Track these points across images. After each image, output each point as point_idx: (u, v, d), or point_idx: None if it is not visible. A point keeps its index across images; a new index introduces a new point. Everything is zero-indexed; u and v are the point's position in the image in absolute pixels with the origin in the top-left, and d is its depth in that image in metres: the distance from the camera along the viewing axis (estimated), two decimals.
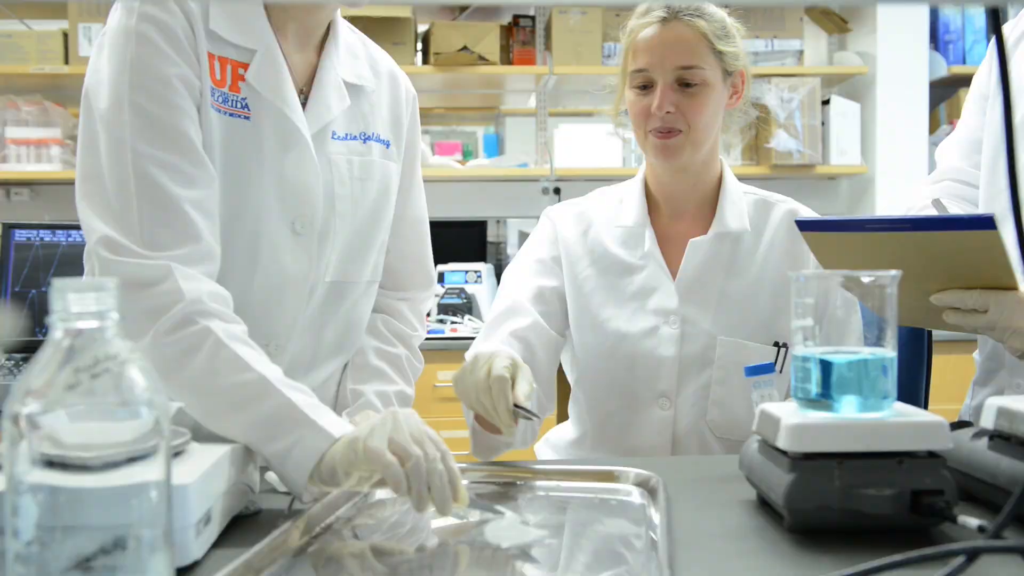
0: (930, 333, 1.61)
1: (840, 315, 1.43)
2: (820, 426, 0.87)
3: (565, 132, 3.59)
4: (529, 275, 1.50)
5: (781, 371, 1.40)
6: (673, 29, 1.39)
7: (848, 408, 0.88)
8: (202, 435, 0.98)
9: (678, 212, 1.49)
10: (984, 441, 0.94)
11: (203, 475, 0.81)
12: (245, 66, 1.13)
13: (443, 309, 3.25)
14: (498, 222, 3.87)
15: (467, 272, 3.36)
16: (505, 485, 1.08)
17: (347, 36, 1.30)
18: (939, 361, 2.18)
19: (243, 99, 1.13)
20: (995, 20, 0.66)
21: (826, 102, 3.52)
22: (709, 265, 1.45)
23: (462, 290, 3.29)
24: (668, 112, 1.38)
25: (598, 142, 3.55)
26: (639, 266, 1.47)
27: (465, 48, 3.42)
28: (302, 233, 1.19)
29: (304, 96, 1.21)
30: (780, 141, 3.42)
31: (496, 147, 4.34)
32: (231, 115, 1.12)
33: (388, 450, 0.89)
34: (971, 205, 1.54)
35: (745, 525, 0.91)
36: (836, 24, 3.66)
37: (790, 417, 0.88)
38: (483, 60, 3.43)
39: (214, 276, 1.08)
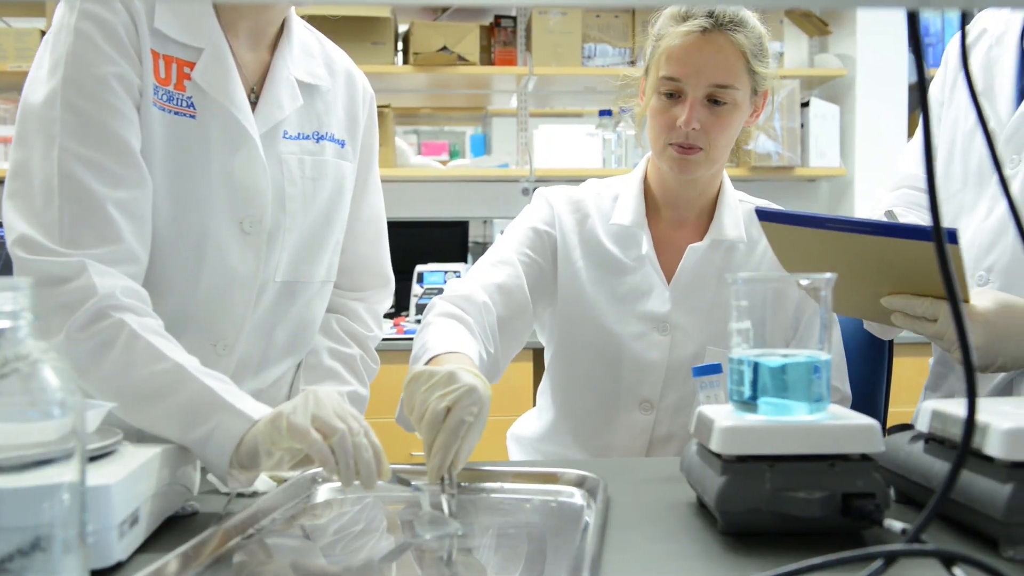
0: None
1: (817, 323, 1.43)
2: (752, 429, 0.86)
3: (545, 133, 3.59)
4: (522, 242, 1.46)
5: None
6: (714, 41, 1.34)
7: (780, 411, 0.87)
8: (147, 437, 0.97)
9: (680, 218, 1.48)
10: (920, 444, 0.94)
11: (128, 476, 0.80)
12: (191, 65, 1.13)
13: (422, 309, 3.24)
14: (484, 222, 3.87)
15: (447, 272, 3.35)
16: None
17: (303, 35, 1.29)
18: (905, 363, 2.18)
19: (189, 98, 1.13)
20: (912, 25, 0.66)
21: (805, 104, 3.52)
22: (703, 272, 1.44)
23: (441, 290, 3.29)
24: (694, 129, 1.35)
25: (578, 143, 3.55)
26: (632, 267, 1.45)
27: (445, 48, 3.41)
28: (251, 232, 1.18)
29: (255, 95, 1.21)
30: (759, 143, 3.42)
31: (483, 147, 4.34)
32: (176, 114, 1.12)
33: (312, 426, 0.90)
34: (925, 212, 1.55)
35: (681, 527, 0.91)
36: (816, 26, 3.67)
37: (723, 420, 0.88)
38: (463, 60, 3.43)
39: (138, 278, 1.08)
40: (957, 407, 0.89)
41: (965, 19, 0.68)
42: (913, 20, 0.66)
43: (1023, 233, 0.69)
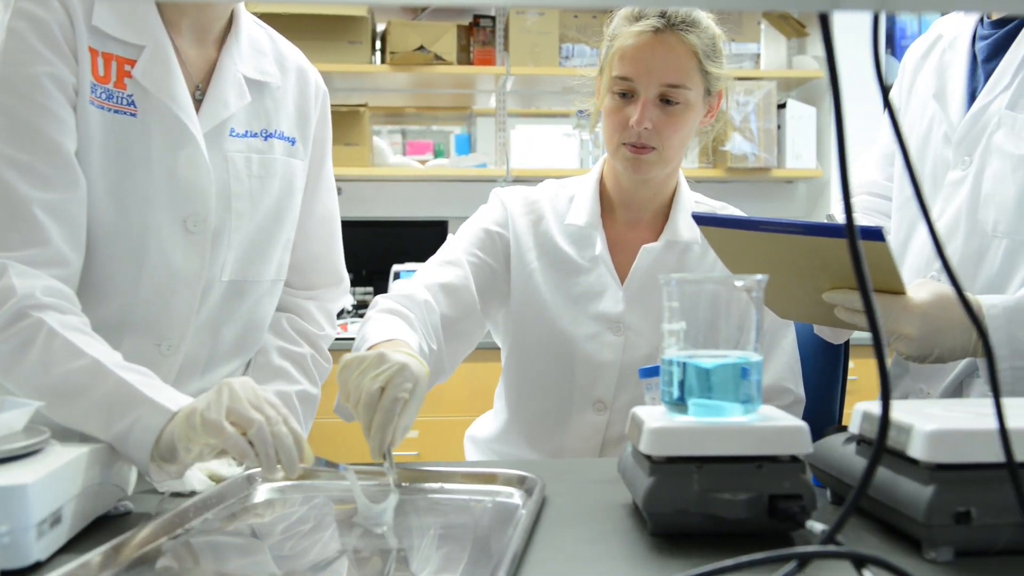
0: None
1: (771, 332, 1.44)
2: (680, 430, 0.86)
3: (522, 133, 3.59)
4: (472, 243, 1.46)
5: None
6: (665, 41, 1.35)
7: (709, 412, 0.87)
8: (89, 436, 0.97)
9: (634, 219, 1.48)
10: (852, 446, 0.94)
11: (49, 475, 0.80)
12: (132, 62, 1.12)
13: None
14: (463, 222, 3.86)
15: None
16: (383, 487, 1.07)
17: (252, 31, 1.28)
18: (865, 364, 2.19)
19: (129, 96, 1.12)
20: (824, 25, 0.66)
21: (782, 106, 3.53)
22: (656, 271, 1.44)
23: None
24: (645, 128, 1.35)
25: (555, 143, 3.56)
26: (587, 268, 1.45)
27: (422, 48, 3.41)
28: (195, 232, 1.18)
29: (201, 92, 1.20)
30: (735, 144, 3.43)
31: (468, 147, 4.34)
32: (116, 112, 1.11)
33: (227, 420, 0.90)
34: (884, 217, 1.55)
35: (613, 528, 0.91)
36: (794, 28, 3.67)
37: (652, 421, 0.88)
38: (439, 60, 3.43)
39: (70, 280, 1.07)
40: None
41: (877, 21, 0.67)
42: (825, 21, 0.66)
43: (934, 236, 0.69)
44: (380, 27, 3.57)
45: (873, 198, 1.60)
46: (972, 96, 1.39)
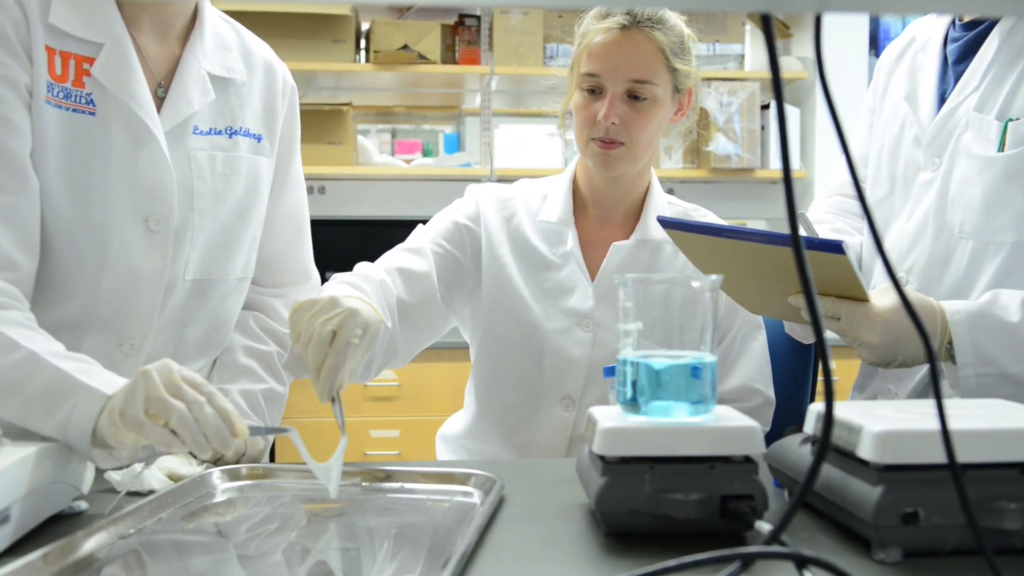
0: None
1: (742, 334, 1.45)
2: (633, 430, 0.86)
3: (507, 132, 3.59)
4: (439, 233, 1.46)
5: None
6: (632, 38, 1.36)
7: (662, 412, 0.87)
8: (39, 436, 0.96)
9: (605, 216, 1.49)
10: (807, 447, 0.94)
11: None
12: (91, 60, 1.12)
13: None
14: None
15: None
16: (344, 486, 1.07)
17: (218, 26, 1.28)
18: (849, 365, 2.18)
19: (88, 95, 1.11)
20: (767, 25, 0.66)
21: (766, 107, 3.54)
22: (627, 270, 1.45)
23: None
24: (613, 123, 1.37)
25: (539, 143, 3.55)
26: (558, 264, 1.46)
27: (406, 47, 3.40)
28: (157, 231, 1.17)
29: (164, 89, 1.20)
30: (719, 145, 3.43)
31: (457, 146, 4.33)
32: (74, 111, 1.11)
33: (146, 412, 0.89)
34: (855, 218, 1.56)
35: (567, 528, 0.91)
36: (778, 29, 3.68)
37: (606, 421, 0.88)
38: (423, 59, 3.42)
39: (21, 283, 1.07)
40: (839, 409, 0.89)
41: (819, 22, 0.67)
42: (767, 21, 0.66)
43: (878, 241, 0.69)
44: (365, 26, 3.57)
45: (846, 199, 1.61)
46: (942, 98, 1.40)
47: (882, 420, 0.82)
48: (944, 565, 0.79)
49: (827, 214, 1.58)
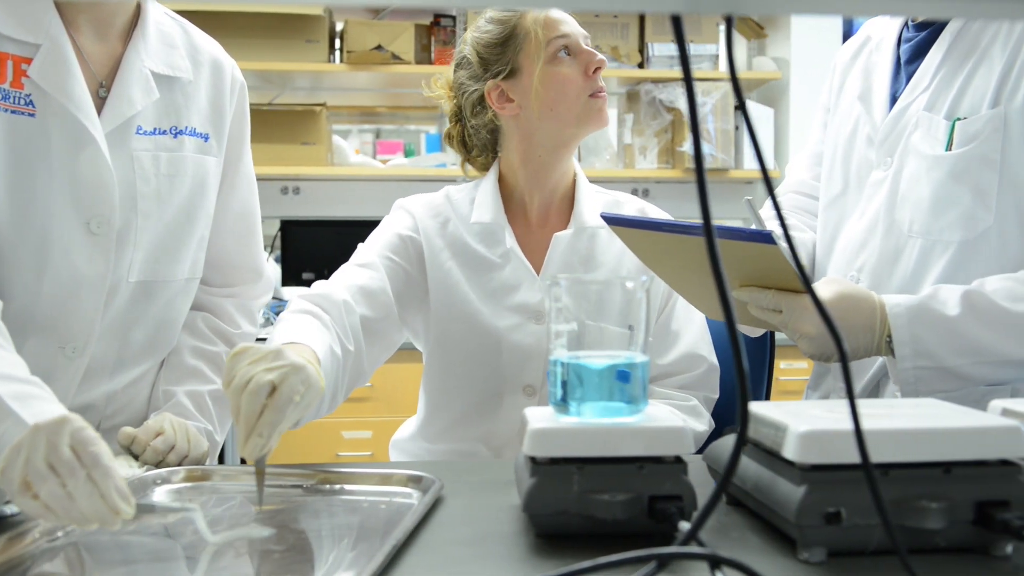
0: (772, 335, 1.63)
1: (683, 302, 1.46)
2: (562, 431, 0.86)
3: None
4: (386, 247, 1.45)
5: None
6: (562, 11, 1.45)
7: (592, 413, 0.87)
8: None
9: (540, 210, 1.50)
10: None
11: None
12: (29, 61, 1.11)
13: None
14: None
15: None
16: (285, 488, 1.06)
17: (163, 24, 1.26)
18: (795, 363, 2.19)
19: (27, 96, 1.11)
20: (677, 26, 0.66)
21: (739, 107, 3.54)
22: (570, 259, 1.46)
23: None
24: (597, 69, 1.43)
25: None
26: (500, 263, 1.46)
27: (379, 47, 3.40)
28: (98, 233, 1.16)
29: (105, 90, 1.19)
30: (692, 145, 3.43)
31: (439, 146, 4.32)
32: (12, 112, 1.10)
33: (20, 482, 0.81)
34: (811, 216, 1.56)
35: (500, 529, 0.90)
36: (753, 30, 3.69)
37: (536, 422, 0.88)
38: (397, 59, 3.41)
39: None
40: (769, 408, 0.89)
41: (730, 23, 0.67)
42: (677, 23, 0.66)
43: (787, 234, 0.69)
44: (340, 26, 3.56)
45: (801, 197, 1.61)
46: (894, 98, 1.40)
47: (807, 420, 0.82)
48: (867, 565, 0.79)
49: (782, 211, 1.59)
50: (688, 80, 0.67)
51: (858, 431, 0.69)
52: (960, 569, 0.78)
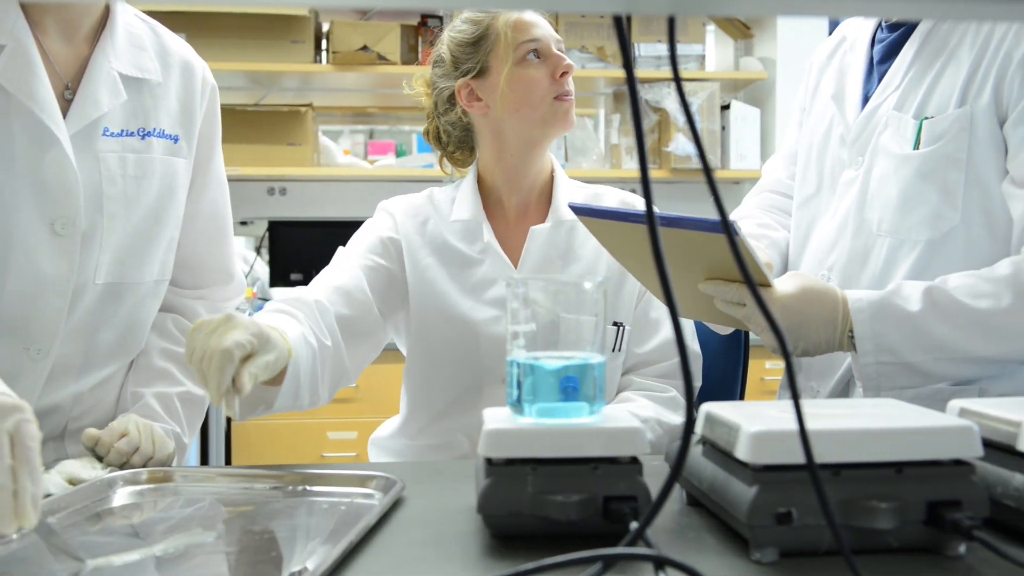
0: (747, 334, 1.63)
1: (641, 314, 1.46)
2: (517, 432, 0.86)
3: None
4: (366, 248, 1.47)
5: (620, 349, 1.46)
6: (538, 13, 1.48)
7: (548, 413, 0.87)
8: None
9: (519, 206, 1.51)
10: (700, 447, 0.94)
11: None
12: None
13: None
14: None
15: None
16: (247, 489, 1.06)
17: (132, 25, 1.26)
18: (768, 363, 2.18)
19: None
20: (619, 27, 0.65)
21: (726, 107, 3.54)
22: (548, 253, 1.47)
23: None
24: (564, 74, 1.44)
25: None
26: (479, 259, 1.47)
27: (365, 48, 3.39)
28: (63, 235, 1.16)
29: (72, 91, 1.19)
30: (679, 145, 3.43)
31: (430, 147, 4.31)
32: None
33: None
34: (785, 215, 1.56)
35: (456, 531, 0.90)
36: (739, 30, 3.69)
37: (491, 423, 0.88)
38: (383, 60, 3.41)
39: None
40: (725, 409, 0.89)
41: (672, 23, 0.67)
42: (619, 23, 0.66)
43: (725, 223, 0.69)
44: (326, 27, 3.55)
45: (776, 196, 1.62)
46: (867, 98, 1.41)
47: (760, 421, 0.82)
48: (819, 565, 0.79)
49: (755, 209, 1.60)
50: (631, 81, 0.67)
51: (802, 430, 0.69)
52: (913, 570, 0.78)
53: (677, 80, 0.67)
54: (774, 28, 3.58)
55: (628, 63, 0.67)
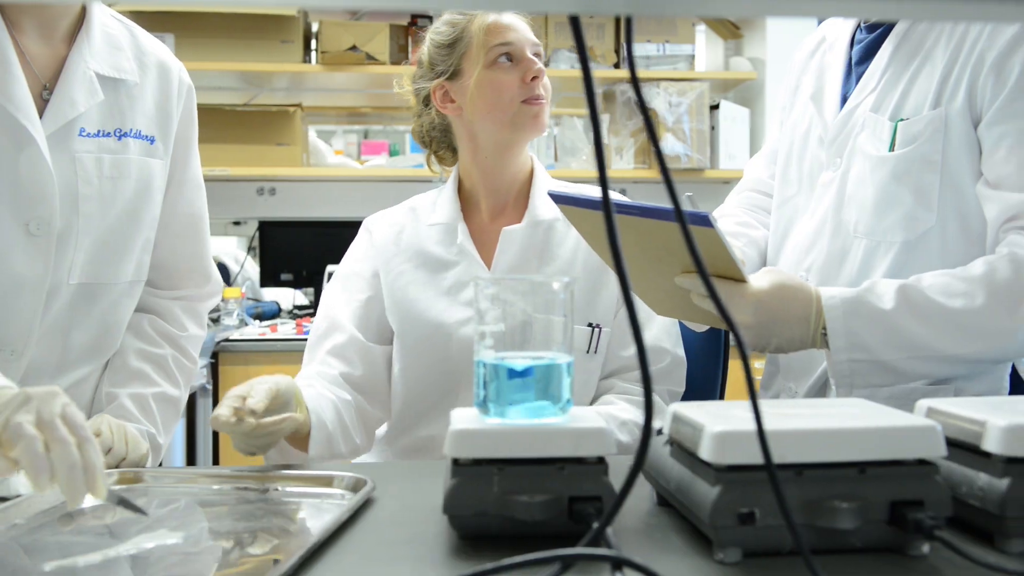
0: (727, 335, 1.63)
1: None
2: (483, 432, 0.86)
3: None
4: (346, 290, 1.51)
5: (596, 351, 1.44)
6: (515, 15, 1.48)
7: (515, 414, 0.87)
8: None
9: (499, 205, 1.51)
10: (668, 447, 0.94)
11: None
12: None
13: None
14: None
15: None
16: (218, 489, 1.06)
17: (109, 26, 1.26)
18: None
19: None
20: (576, 27, 0.66)
21: (715, 107, 3.54)
22: (523, 254, 1.47)
23: None
24: (535, 78, 1.44)
25: None
26: (455, 261, 1.48)
27: (354, 47, 3.39)
28: (38, 235, 1.16)
29: (49, 91, 1.19)
30: (668, 145, 3.43)
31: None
32: None
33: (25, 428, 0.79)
34: (766, 214, 1.56)
35: (423, 532, 0.90)
36: (728, 30, 3.69)
37: (458, 423, 0.88)
38: (372, 60, 3.41)
39: None
40: (692, 408, 0.89)
41: (630, 24, 0.67)
42: (576, 24, 0.66)
43: (685, 228, 0.69)
44: (316, 27, 3.55)
45: (757, 195, 1.62)
46: (845, 98, 1.41)
47: (724, 421, 0.82)
48: (782, 565, 0.79)
49: (737, 208, 1.60)
50: (587, 79, 0.67)
51: (760, 430, 0.69)
52: (875, 569, 0.79)
53: (635, 80, 0.67)
54: (764, 29, 3.58)
55: (584, 61, 0.67)
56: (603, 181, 0.68)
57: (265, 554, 0.86)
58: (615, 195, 1.57)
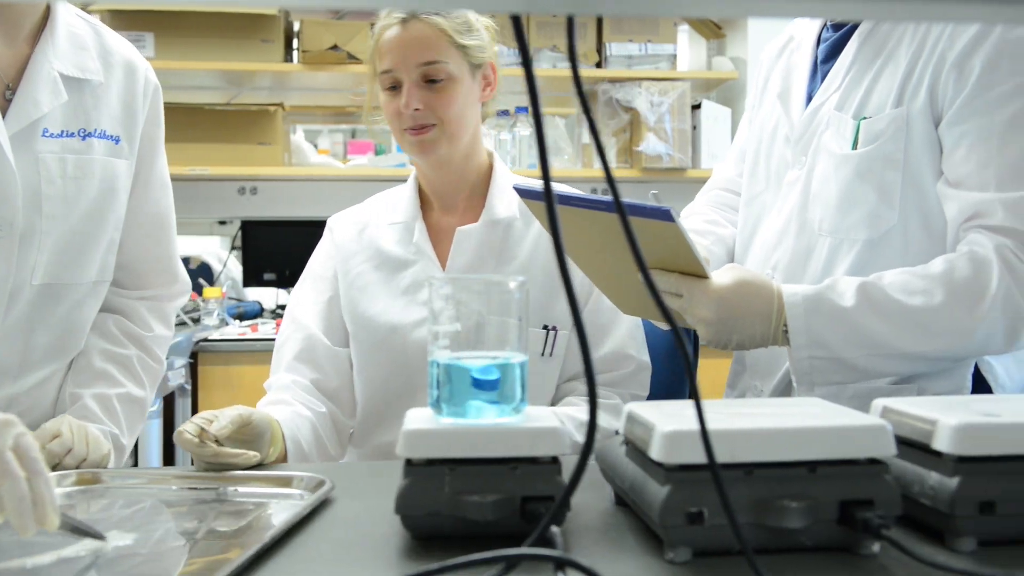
0: (695, 335, 1.63)
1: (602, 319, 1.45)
2: (435, 432, 0.86)
3: None
4: (310, 292, 1.51)
5: (552, 354, 1.43)
6: (412, 29, 1.39)
7: (468, 413, 0.87)
8: None
9: (448, 205, 1.51)
10: (624, 447, 0.94)
11: None
12: None
13: None
14: None
15: None
16: (174, 490, 1.06)
17: (74, 26, 1.25)
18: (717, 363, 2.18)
19: None
20: (517, 25, 0.65)
21: (697, 106, 3.55)
22: (480, 253, 1.46)
23: None
24: (416, 110, 1.39)
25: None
26: (411, 260, 1.48)
27: (335, 47, 3.38)
28: (0, 235, 1.15)
29: (12, 92, 1.18)
30: (650, 145, 3.43)
31: None
32: None
33: None
34: (734, 212, 1.57)
35: (378, 533, 0.90)
36: (711, 30, 3.70)
37: (411, 423, 0.88)
38: (352, 59, 3.40)
39: None
40: (645, 408, 0.90)
41: (571, 23, 0.67)
42: (517, 22, 0.66)
43: (624, 220, 0.69)
44: (297, 25, 3.54)
45: (726, 193, 1.62)
46: (811, 97, 1.41)
47: (675, 420, 0.82)
48: (731, 564, 0.79)
49: (705, 206, 1.61)
50: (530, 78, 0.67)
51: (703, 430, 0.69)
52: (825, 568, 0.79)
53: (577, 80, 0.67)
54: (745, 28, 3.59)
55: (527, 61, 0.67)
56: (544, 171, 0.68)
57: (217, 554, 0.86)
58: (564, 187, 1.57)
